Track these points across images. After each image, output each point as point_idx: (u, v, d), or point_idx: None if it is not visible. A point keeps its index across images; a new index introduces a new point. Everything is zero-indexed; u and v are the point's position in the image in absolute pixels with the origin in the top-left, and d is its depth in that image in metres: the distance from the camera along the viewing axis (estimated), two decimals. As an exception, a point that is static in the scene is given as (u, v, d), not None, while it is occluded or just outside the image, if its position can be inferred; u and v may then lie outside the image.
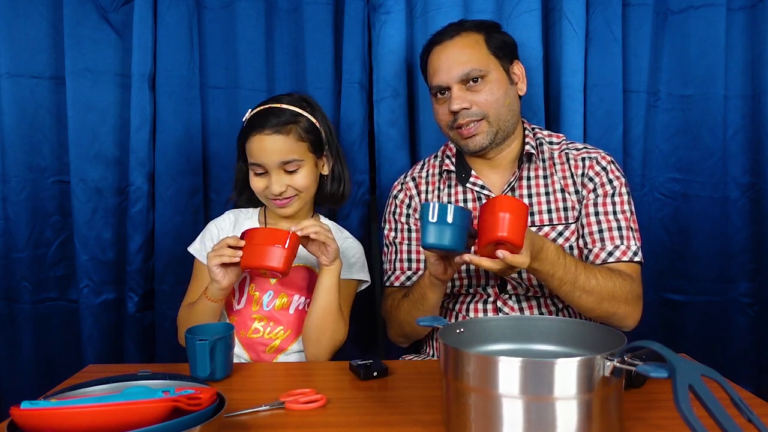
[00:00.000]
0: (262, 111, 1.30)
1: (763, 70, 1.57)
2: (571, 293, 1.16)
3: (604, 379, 0.74)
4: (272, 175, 1.28)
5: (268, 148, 1.27)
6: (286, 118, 1.28)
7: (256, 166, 1.28)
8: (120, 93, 1.59)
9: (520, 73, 1.36)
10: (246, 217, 1.40)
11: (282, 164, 1.27)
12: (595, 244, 1.28)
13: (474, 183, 1.36)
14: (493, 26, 1.36)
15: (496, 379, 0.75)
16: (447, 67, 1.30)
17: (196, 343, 1.06)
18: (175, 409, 0.79)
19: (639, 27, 1.59)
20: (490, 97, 1.29)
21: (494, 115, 1.30)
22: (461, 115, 1.30)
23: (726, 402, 0.68)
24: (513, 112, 1.33)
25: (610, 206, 1.29)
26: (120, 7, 1.58)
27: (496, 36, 1.33)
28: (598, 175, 1.31)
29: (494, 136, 1.31)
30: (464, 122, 1.30)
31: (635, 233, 1.29)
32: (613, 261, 1.26)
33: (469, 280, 1.32)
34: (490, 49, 1.31)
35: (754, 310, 1.62)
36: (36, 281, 1.60)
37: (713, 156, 1.62)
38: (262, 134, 1.26)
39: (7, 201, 1.56)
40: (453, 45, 1.32)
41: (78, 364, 1.49)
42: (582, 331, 0.91)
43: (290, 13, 1.62)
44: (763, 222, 1.59)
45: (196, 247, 1.36)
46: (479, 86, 1.29)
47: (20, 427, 0.78)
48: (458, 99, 1.29)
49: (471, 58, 1.29)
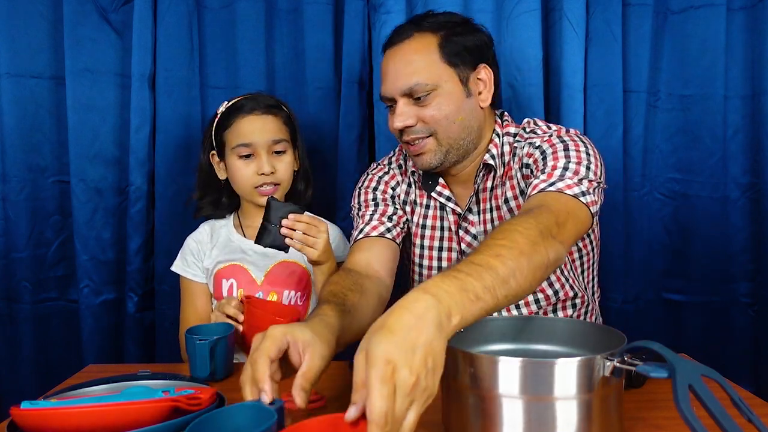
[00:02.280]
0: (247, 97, 1.35)
1: (763, 70, 1.57)
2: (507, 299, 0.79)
3: (604, 379, 0.74)
4: (262, 156, 1.30)
5: (260, 128, 1.30)
6: (274, 102, 1.35)
7: (243, 147, 1.30)
8: (120, 93, 1.59)
9: (486, 80, 1.18)
10: (221, 225, 1.41)
11: (273, 143, 1.30)
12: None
13: (440, 193, 1.26)
14: (458, 24, 1.19)
15: (496, 379, 0.74)
16: (393, 78, 1.16)
17: (196, 343, 1.06)
18: (175, 409, 0.79)
19: (639, 27, 1.59)
20: (437, 113, 1.14)
21: (443, 133, 1.15)
22: (406, 132, 1.17)
23: (726, 402, 0.68)
24: (468, 129, 1.18)
25: (541, 162, 1.10)
26: (120, 7, 1.58)
27: (455, 39, 1.16)
28: (530, 156, 1.16)
29: (444, 155, 1.17)
30: (409, 139, 1.17)
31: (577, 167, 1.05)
32: (535, 192, 1.02)
33: None
34: (444, 56, 1.14)
35: (754, 310, 1.62)
36: (36, 281, 1.60)
37: (713, 156, 1.62)
38: (254, 114, 1.31)
39: (7, 201, 1.56)
40: (402, 51, 1.16)
41: (78, 364, 1.49)
42: (582, 331, 0.91)
43: (290, 13, 1.62)
44: (763, 222, 1.59)
45: (179, 264, 1.38)
46: (427, 101, 1.14)
47: (20, 427, 0.78)
48: (401, 115, 1.15)
49: (418, 69, 1.13)
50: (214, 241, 1.38)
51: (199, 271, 1.36)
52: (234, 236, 1.38)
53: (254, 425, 0.72)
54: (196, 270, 1.36)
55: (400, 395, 0.63)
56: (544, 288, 1.24)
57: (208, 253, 1.36)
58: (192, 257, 1.36)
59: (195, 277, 1.36)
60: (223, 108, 1.35)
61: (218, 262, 1.35)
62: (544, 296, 1.25)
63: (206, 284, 1.36)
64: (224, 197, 1.40)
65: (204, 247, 1.37)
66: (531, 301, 1.24)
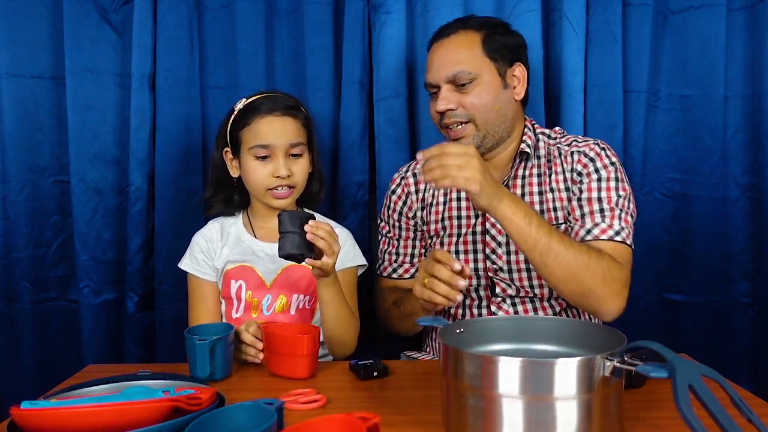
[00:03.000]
0: (267, 96, 1.32)
1: (763, 70, 1.57)
2: (539, 254, 1.09)
3: (604, 379, 0.74)
4: (279, 158, 1.28)
5: (279, 129, 1.28)
6: (293, 104, 1.33)
7: (260, 148, 1.28)
8: (120, 93, 1.59)
9: (520, 77, 1.32)
10: (230, 223, 1.39)
11: (290, 146, 1.29)
12: (576, 223, 1.24)
13: None
14: (498, 26, 1.33)
15: (496, 379, 0.75)
16: (438, 66, 1.29)
17: (196, 343, 1.06)
18: (175, 409, 0.79)
19: (639, 27, 1.59)
20: (477, 101, 1.26)
21: (481, 119, 1.27)
22: (447, 115, 1.28)
23: (726, 402, 0.68)
24: (504, 117, 1.30)
25: (595, 192, 1.25)
26: (120, 7, 1.58)
27: (496, 37, 1.30)
28: (585, 167, 1.27)
29: (482, 140, 1.28)
30: (450, 122, 1.29)
31: (623, 215, 1.22)
32: (591, 239, 1.20)
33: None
34: (485, 50, 1.28)
35: (754, 310, 1.62)
36: (36, 281, 1.60)
37: (713, 156, 1.62)
38: (273, 115, 1.28)
39: (7, 201, 1.56)
40: (448, 43, 1.30)
41: (78, 364, 1.49)
42: (582, 331, 0.91)
43: (290, 14, 1.62)
44: (763, 222, 1.59)
45: (187, 262, 1.36)
46: (468, 88, 1.27)
47: (20, 427, 0.79)
48: (444, 99, 1.27)
49: (462, 59, 1.27)
50: (224, 239, 1.36)
51: (210, 270, 1.34)
52: (245, 236, 1.37)
53: (254, 425, 0.72)
54: (207, 268, 1.34)
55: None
56: (544, 285, 1.28)
57: (219, 252, 1.35)
58: (202, 255, 1.35)
59: (206, 276, 1.34)
60: (240, 105, 1.32)
61: (228, 261, 1.34)
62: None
63: (216, 283, 1.35)
64: (236, 195, 1.39)
65: (214, 246, 1.35)
66: (527, 285, 1.29)
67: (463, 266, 1.07)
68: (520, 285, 1.28)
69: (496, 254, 1.30)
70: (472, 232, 1.33)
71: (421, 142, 1.62)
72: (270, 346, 1.12)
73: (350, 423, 0.70)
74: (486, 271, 1.30)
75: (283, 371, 1.10)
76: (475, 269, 1.31)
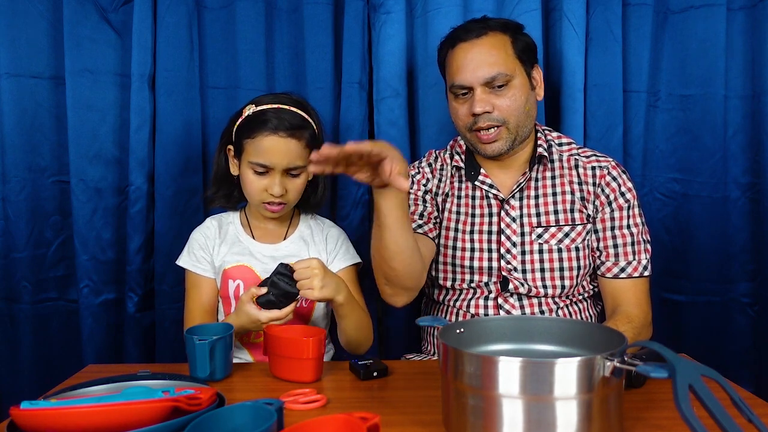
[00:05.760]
0: (275, 110, 1.28)
1: (763, 70, 1.57)
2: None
3: (604, 379, 0.74)
4: (275, 177, 1.27)
5: (282, 150, 1.25)
6: (299, 122, 1.28)
7: (259, 165, 1.27)
8: (120, 93, 1.59)
9: (539, 78, 1.33)
10: (228, 221, 1.40)
11: (289, 168, 1.27)
12: (609, 258, 1.29)
13: (483, 181, 1.35)
14: (517, 27, 1.32)
15: (496, 379, 0.75)
16: (473, 67, 1.26)
17: (196, 343, 1.06)
18: (175, 409, 0.79)
19: (639, 27, 1.59)
20: (512, 103, 1.26)
21: (514, 121, 1.28)
22: (482, 118, 1.27)
23: (726, 402, 0.68)
24: (530, 118, 1.31)
25: (626, 220, 1.30)
26: (120, 7, 1.58)
27: (520, 38, 1.30)
28: (609, 186, 1.31)
29: (512, 142, 1.29)
30: (484, 126, 1.27)
31: (647, 244, 1.30)
32: (625, 276, 1.28)
33: (471, 275, 1.33)
34: (515, 52, 1.28)
35: (754, 310, 1.62)
36: (36, 281, 1.60)
37: (713, 156, 1.62)
38: (277, 135, 1.25)
39: (7, 201, 1.56)
40: (481, 44, 1.27)
41: (78, 364, 1.49)
42: (582, 331, 0.91)
43: (290, 13, 1.62)
44: (763, 222, 1.59)
45: (187, 259, 1.36)
46: (503, 91, 1.26)
47: (20, 427, 0.79)
48: (481, 101, 1.25)
49: (498, 61, 1.26)
50: (222, 236, 1.37)
51: (208, 266, 1.34)
52: (242, 236, 1.37)
53: (254, 425, 0.72)
54: (205, 265, 1.34)
55: None
56: (556, 286, 1.30)
57: (217, 249, 1.35)
58: (201, 252, 1.35)
59: (205, 272, 1.34)
60: (249, 112, 1.30)
61: (226, 259, 1.34)
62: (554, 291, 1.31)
63: (213, 279, 1.35)
64: (236, 191, 1.38)
65: (212, 242, 1.36)
66: (539, 285, 1.30)
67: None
68: (533, 284, 1.29)
69: (511, 254, 1.31)
70: (487, 231, 1.34)
71: (421, 142, 1.63)
72: (274, 348, 1.11)
73: (350, 423, 0.70)
74: (500, 270, 1.31)
75: (288, 375, 1.09)
76: (489, 268, 1.31)
